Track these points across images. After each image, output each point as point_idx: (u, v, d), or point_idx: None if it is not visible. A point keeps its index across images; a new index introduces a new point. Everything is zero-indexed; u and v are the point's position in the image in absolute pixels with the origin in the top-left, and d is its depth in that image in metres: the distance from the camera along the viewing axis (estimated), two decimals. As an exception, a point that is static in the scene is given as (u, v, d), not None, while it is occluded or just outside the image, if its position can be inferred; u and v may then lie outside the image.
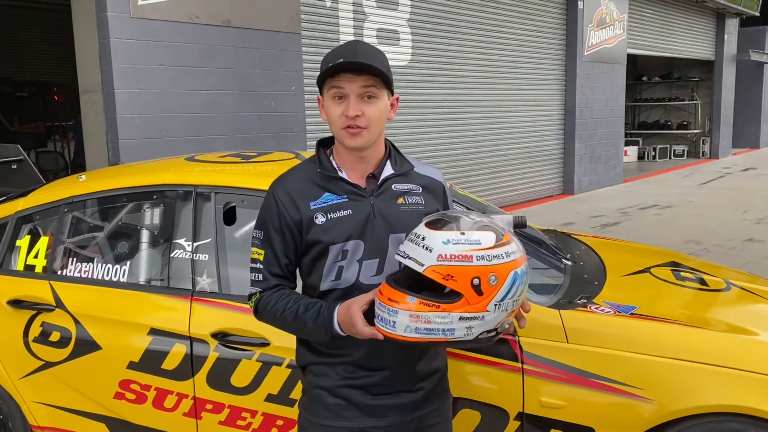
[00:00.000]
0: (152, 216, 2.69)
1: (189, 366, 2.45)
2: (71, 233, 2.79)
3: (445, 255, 1.51)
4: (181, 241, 2.58)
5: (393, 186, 1.77)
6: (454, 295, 1.53)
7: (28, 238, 2.84)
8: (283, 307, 1.71)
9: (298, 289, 1.82)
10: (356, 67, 1.63)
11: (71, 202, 2.81)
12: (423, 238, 1.54)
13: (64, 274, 2.73)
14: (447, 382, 1.90)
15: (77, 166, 11.78)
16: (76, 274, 2.71)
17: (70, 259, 2.74)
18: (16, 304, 2.72)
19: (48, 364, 2.66)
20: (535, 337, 2.23)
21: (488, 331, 1.58)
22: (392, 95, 1.76)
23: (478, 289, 1.52)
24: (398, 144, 1.88)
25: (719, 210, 9.74)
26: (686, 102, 17.94)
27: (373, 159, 1.76)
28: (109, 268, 2.67)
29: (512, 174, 10.59)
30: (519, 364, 2.21)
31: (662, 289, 2.71)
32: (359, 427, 1.74)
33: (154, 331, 2.50)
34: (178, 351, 2.46)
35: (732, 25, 17.40)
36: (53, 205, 2.84)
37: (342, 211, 1.70)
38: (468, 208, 3.07)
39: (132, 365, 2.52)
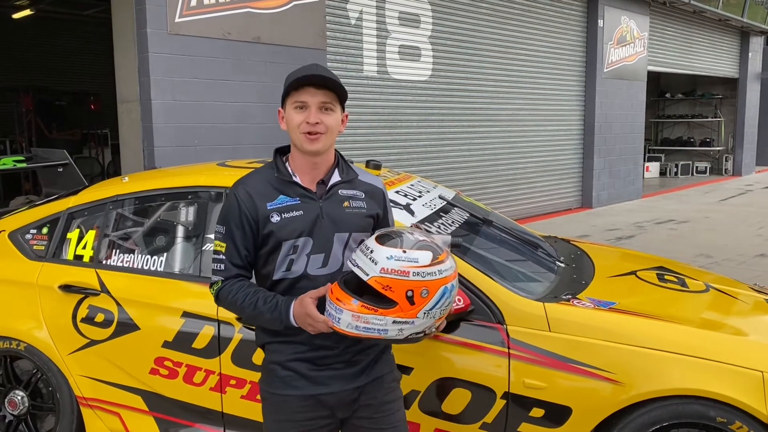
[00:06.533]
0: (187, 213, 3.04)
1: (216, 345, 2.76)
2: (115, 227, 3.14)
3: (387, 269, 1.78)
4: (212, 236, 2.91)
5: (339, 191, 2.02)
6: (391, 302, 1.79)
7: (77, 231, 3.19)
8: (243, 297, 1.95)
9: (253, 279, 2.06)
10: (318, 81, 1.91)
11: (116, 200, 3.17)
12: (371, 251, 1.81)
13: (108, 263, 3.08)
14: (390, 358, 2.14)
15: (111, 171, 12.29)
16: (119, 264, 3.06)
17: (114, 250, 3.10)
18: (67, 288, 3.07)
19: (93, 342, 3.00)
20: (522, 326, 2.51)
21: (416, 333, 1.86)
22: (343, 112, 2.02)
23: (411, 300, 1.79)
24: (417, 156, 2.20)
25: (734, 226, 9.86)
26: (709, 119, 17.97)
27: (323, 166, 2.02)
28: (148, 258, 3.01)
29: (530, 187, 10.82)
30: (506, 350, 2.49)
31: (644, 289, 2.98)
32: (308, 394, 1.99)
33: (186, 314, 2.83)
34: (207, 332, 2.78)
35: (756, 43, 17.44)
36: (100, 203, 3.20)
37: (294, 212, 1.95)
38: (472, 214, 3.37)
39: (166, 344, 2.85)
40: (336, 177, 2.04)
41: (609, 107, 11.89)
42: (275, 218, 1.95)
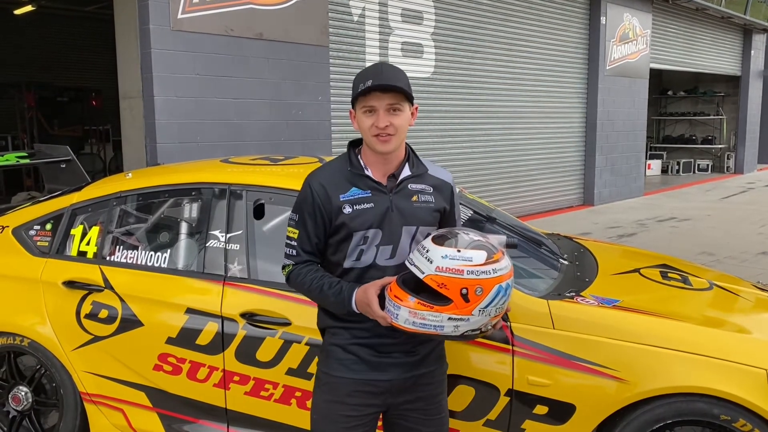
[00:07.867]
0: (191, 210, 3.03)
1: (220, 342, 2.77)
2: (119, 223, 3.14)
3: (442, 267, 1.86)
4: (216, 233, 2.91)
5: (409, 185, 2.10)
6: (446, 300, 1.87)
7: (81, 227, 3.19)
8: (310, 281, 2.06)
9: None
10: (384, 87, 1.97)
11: (119, 196, 3.17)
12: (427, 251, 1.90)
13: (112, 259, 3.08)
14: (443, 351, 2.22)
15: (113, 168, 12.30)
16: (123, 260, 3.06)
17: (118, 246, 3.09)
18: (70, 284, 3.07)
19: (97, 338, 3.00)
20: (525, 323, 2.51)
21: (473, 330, 1.93)
22: (412, 106, 2.07)
23: (465, 297, 1.86)
24: (420, 152, 2.24)
25: (736, 224, 9.85)
26: (711, 117, 17.93)
27: (395, 161, 2.09)
28: (151, 254, 3.01)
29: (532, 184, 10.81)
30: (510, 347, 2.49)
31: (647, 287, 2.98)
32: (366, 379, 2.07)
33: (190, 311, 2.83)
34: (210, 329, 2.78)
35: (759, 41, 17.40)
36: (104, 199, 3.20)
37: (366, 204, 2.04)
38: (475, 212, 3.37)
39: (170, 340, 2.85)
40: (406, 171, 2.11)
41: (611, 105, 11.88)
42: (347, 209, 2.03)
